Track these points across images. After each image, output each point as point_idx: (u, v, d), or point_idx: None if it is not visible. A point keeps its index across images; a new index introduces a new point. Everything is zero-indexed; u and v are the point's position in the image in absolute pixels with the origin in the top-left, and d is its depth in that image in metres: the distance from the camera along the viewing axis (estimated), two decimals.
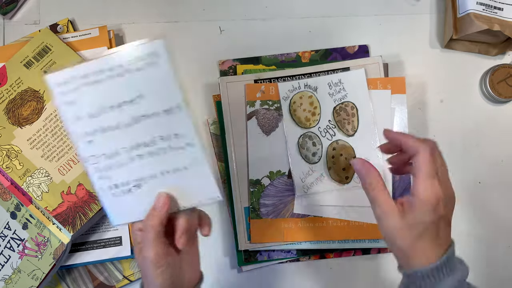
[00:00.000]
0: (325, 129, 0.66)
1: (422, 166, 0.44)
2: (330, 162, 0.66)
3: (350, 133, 0.66)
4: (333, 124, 0.66)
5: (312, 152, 0.66)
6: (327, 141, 0.66)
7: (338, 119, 0.66)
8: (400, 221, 0.44)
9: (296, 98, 0.67)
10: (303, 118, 0.67)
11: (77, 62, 0.43)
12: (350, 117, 0.66)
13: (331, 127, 0.66)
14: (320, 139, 0.66)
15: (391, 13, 0.75)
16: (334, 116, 0.66)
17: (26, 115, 0.64)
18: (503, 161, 0.73)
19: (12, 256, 0.64)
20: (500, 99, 0.72)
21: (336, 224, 0.68)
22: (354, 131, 0.66)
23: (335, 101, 0.67)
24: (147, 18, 0.74)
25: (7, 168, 0.63)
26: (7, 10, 0.73)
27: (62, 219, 0.61)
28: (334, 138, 0.66)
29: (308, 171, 0.66)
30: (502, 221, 0.72)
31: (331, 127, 0.66)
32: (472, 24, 0.68)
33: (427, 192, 0.44)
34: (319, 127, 0.67)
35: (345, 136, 0.66)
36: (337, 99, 0.67)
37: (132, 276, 0.68)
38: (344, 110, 0.66)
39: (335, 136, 0.66)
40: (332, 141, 0.66)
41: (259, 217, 0.68)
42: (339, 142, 0.66)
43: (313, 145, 0.66)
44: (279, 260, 0.69)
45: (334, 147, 0.66)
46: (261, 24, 0.75)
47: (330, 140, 0.67)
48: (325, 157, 0.66)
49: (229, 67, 0.73)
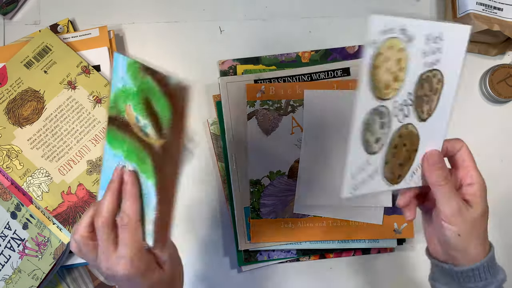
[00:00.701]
0: (401, 104, 0.44)
1: (470, 157, 0.47)
2: (390, 154, 0.44)
3: (424, 117, 0.46)
4: (412, 100, 0.44)
5: (376, 137, 0.43)
6: (397, 123, 0.44)
7: (419, 94, 0.44)
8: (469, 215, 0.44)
9: (385, 48, 0.43)
10: (384, 83, 0.42)
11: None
12: (432, 93, 0.45)
13: (407, 104, 0.44)
14: (391, 120, 0.43)
15: (391, 13, 0.75)
16: (417, 88, 0.44)
17: (27, 115, 0.64)
18: (503, 161, 0.73)
19: (12, 256, 0.64)
20: (500, 99, 0.72)
21: (336, 224, 0.68)
22: (429, 115, 0.46)
23: (425, 66, 0.44)
24: (147, 18, 0.75)
25: (8, 168, 0.63)
26: (7, 10, 0.73)
27: (62, 219, 0.61)
28: (406, 120, 0.44)
29: (363, 164, 0.43)
30: (502, 221, 0.72)
31: (408, 103, 0.44)
32: (472, 24, 0.68)
33: (483, 181, 0.46)
34: (396, 100, 0.43)
35: (418, 119, 0.45)
36: (428, 63, 0.44)
37: None
38: (429, 82, 0.45)
39: (408, 118, 0.45)
40: (402, 125, 0.44)
41: (259, 217, 0.68)
42: (408, 127, 0.45)
43: (380, 126, 0.43)
44: (279, 260, 0.69)
45: (402, 133, 0.45)
46: (261, 24, 0.75)
47: (400, 123, 0.44)
48: (387, 147, 0.44)
49: (229, 67, 0.73)
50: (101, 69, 0.68)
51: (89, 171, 0.63)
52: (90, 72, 0.66)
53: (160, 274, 0.44)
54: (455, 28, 0.47)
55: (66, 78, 0.66)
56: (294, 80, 0.71)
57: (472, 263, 0.45)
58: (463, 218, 0.44)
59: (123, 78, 0.42)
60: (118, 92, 0.43)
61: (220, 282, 0.70)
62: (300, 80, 0.71)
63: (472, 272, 0.45)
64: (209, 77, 0.73)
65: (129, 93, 0.42)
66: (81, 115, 0.65)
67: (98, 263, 0.44)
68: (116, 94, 0.43)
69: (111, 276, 0.43)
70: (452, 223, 0.44)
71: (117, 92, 0.43)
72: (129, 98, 0.42)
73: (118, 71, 0.43)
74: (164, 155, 0.41)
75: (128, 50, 0.74)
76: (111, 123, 0.44)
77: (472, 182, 0.46)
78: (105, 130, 0.44)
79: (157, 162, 0.41)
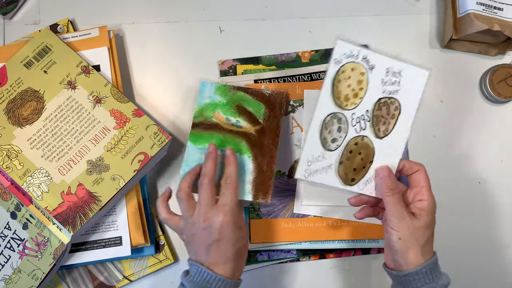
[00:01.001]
0: (358, 118, 0.57)
1: (426, 179, 0.53)
2: (345, 156, 0.57)
3: (380, 135, 0.57)
4: (369, 117, 0.57)
5: (333, 138, 0.57)
6: (354, 132, 0.57)
7: (376, 114, 0.57)
8: (411, 224, 0.51)
9: (348, 68, 0.56)
10: (343, 95, 0.56)
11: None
12: (389, 117, 0.57)
13: (365, 119, 0.57)
14: (348, 127, 0.57)
15: (391, 13, 0.75)
16: (375, 108, 0.57)
17: (26, 115, 0.64)
18: (503, 161, 0.73)
19: (12, 256, 0.64)
20: (500, 99, 0.72)
21: (336, 224, 0.68)
22: (385, 134, 0.57)
23: (384, 92, 0.57)
24: (147, 18, 0.74)
25: (7, 168, 0.63)
26: (7, 10, 0.73)
27: (62, 219, 0.61)
28: (362, 132, 0.57)
29: (319, 157, 0.57)
30: (501, 221, 0.72)
31: (365, 119, 0.57)
32: (472, 24, 0.68)
33: (433, 200, 0.53)
34: (354, 113, 0.56)
35: (374, 135, 0.57)
36: (387, 91, 0.57)
37: (132, 276, 0.68)
38: (387, 107, 0.57)
39: (365, 131, 0.57)
40: (359, 135, 0.57)
41: (259, 217, 0.68)
42: (364, 139, 0.57)
43: (338, 130, 0.57)
44: (279, 260, 0.69)
45: (357, 142, 0.57)
46: (261, 24, 0.75)
47: (357, 133, 0.57)
48: (342, 149, 0.57)
49: (229, 67, 0.73)
50: (101, 69, 0.68)
51: (89, 171, 0.63)
52: (90, 72, 0.66)
53: (246, 236, 0.56)
54: (413, 70, 0.57)
55: (66, 78, 0.66)
56: (294, 80, 0.71)
57: (412, 268, 0.51)
58: (405, 224, 0.51)
59: (210, 96, 0.66)
60: (204, 105, 0.65)
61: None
62: (300, 80, 0.71)
63: (412, 276, 0.51)
64: (209, 77, 0.73)
65: (217, 105, 0.65)
66: (81, 115, 0.64)
67: (194, 219, 0.54)
68: (202, 107, 0.65)
69: (205, 228, 0.53)
70: (395, 228, 0.51)
71: (203, 105, 0.65)
72: (218, 108, 0.65)
73: (204, 93, 0.66)
74: (259, 136, 0.64)
75: (128, 50, 0.74)
76: (195, 127, 0.64)
77: (423, 198, 0.53)
78: (189, 134, 0.64)
79: (251, 142, 0.64)
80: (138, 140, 0.64)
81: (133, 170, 0.63)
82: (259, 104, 0.66)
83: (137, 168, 0.63)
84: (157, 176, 0.71)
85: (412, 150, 0.72)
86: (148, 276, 0.69)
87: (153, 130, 0.64)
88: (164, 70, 0.74)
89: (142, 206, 0.67)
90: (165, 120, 0.72)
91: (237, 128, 0.64)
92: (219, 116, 0.65)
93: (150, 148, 0.64)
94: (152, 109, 0.72)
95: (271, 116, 0.65)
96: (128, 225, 0.65)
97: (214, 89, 0.66)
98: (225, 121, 0.65)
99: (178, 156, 0.72)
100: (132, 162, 0.63)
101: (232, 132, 0.64)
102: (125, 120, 0.64)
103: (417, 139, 0.72)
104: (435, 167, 0.72)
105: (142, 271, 0.69)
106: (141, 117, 0.65)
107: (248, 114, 0.65)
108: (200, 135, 0.64)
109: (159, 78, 0.73)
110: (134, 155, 0.63)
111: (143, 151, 0.63)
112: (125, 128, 0.64)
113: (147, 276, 0.69)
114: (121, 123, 0.64)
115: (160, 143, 0.64)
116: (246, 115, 0.65)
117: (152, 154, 0.63)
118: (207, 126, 0.64)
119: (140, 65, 0.73)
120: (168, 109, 0.72)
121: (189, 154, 0.63)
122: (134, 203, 0.66)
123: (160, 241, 0.69)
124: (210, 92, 0.66)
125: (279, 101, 0.66)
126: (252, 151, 0.63)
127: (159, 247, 0.69)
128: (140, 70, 0.73)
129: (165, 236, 0.70)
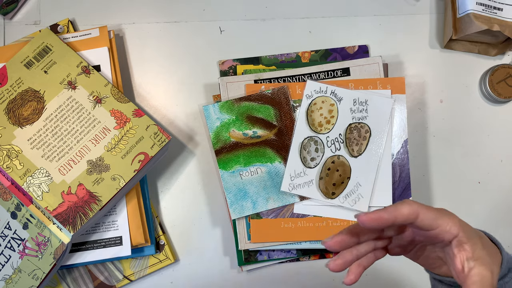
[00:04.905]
0: (333, 140, 0.67)
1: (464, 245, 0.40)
2: (324, 172, 0.66)
3: (355, 154, 0.66)
4: (342, 140, 0.66)
5: (312, 157, 0.66)
6: (330, 152, 0.67)
7: (348, 136, 0.66)
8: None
9: (319, 101, 0.67)
10: (317, 122, 0.67)
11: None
12: (361, 139, 0.66)
13: (339, 141, 0.66)
14: (324, 148, 0.66)
15: (391, 13, 0.75)
16: (347, 132, 0.67)
17: (27, 115, 0.64)
18: (503, 161, 0.73)
19: (12, 256, 0.64)
20: (499, 99, 0.72)
21: (336, 224, 0.68)
22: (358, 154, 0.66)
23: (353, 119, 0.67)
24: (147, 18, 0.75)
25: (8, 168, 0.63)
26: (8, 10, 0.73)
27: (62, 219, 0.61)
28: (337, 152, 0.67)
29: (300, 173, 0.66)
30: (501, 221, 0.72)
31: (339, 141, 0.66)
32: (472, 24, 0.68)
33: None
34: (328, 136, 0.67)
35: (349, 155, 0.66)
36: (356, 118, 0.67)
37: (133, 276, 0.69)
38: (358, 130, 0.66)
39: (339, 151, 0.67)
40: (334, 155, 0.67)
41: (259, 217, 0.68)
42: (340, 158, 0.66)
43: (315, 150, 0.66)
44: (279, 260, 0.69)
45: (334, 160, 0.66)
46: (261, 24, 0.75)
47: (333, 153, 0.67)
48: (321, 166, 0.66)
49: (229, 67, 0.73)
50: (101, 69, 0.68)
51: (89, 171, 0.63)
52: (90, 72, 0.66)
53: None
54: (379, 99, 0.67)
55: (66, 78, 0.66)
56: (294, 80, 0.71)
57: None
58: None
59: (218, 118, 0.67)
60: (217, 129, 0.67)
61: (220, 282, 0.70)
62: (300, 80, 0.71)
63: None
64: (209, 77, 0.73)
65: (229, 124, 0.67)
66: (81, 115, 0.65)
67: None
68: (216, 132, 0.67)
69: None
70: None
71: (216, 130, 0.67)
72: (231, 126, 0.67)
73: (211, 117, 0.67)
74: (279, 137, 0.67)
75: (128, 50, 0.74)
76: (219, 153, 0.67)
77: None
78: (216, 163, 0.67)
79: (275, 146, 0.67)
80: (138, 140, 0.64)
81: (133, 170, 0.63)
82: (267, 107, 0.67)
83: (138, 168, 0.63)
84: (157, 176, 0.71)
85: (412, 150, 0.72)
86: (148, 276, 0.69)
87: (153, 130, 0.64)
88: (164, 70, 0.74)
89: (142, 206, 0.67)
90: (165, 120, 0.72)
91: (257, 139, 0.67)
92: (235, 133, 0.67)
93: (151, 148, 0.64)
94: (152, 109, 0.73)
95: (282, 114, 0.67)
96: (128, 225, 0.65)
97: (219, 109, 0.67)
98: (243, 137, 0.67)
99: (178, 156, 0.72)
100: (132, 162, 0.63)
101: (254, 145, 0.67)
102: (125, 120, 0.64)
103: (417, 139, 0.72)
104: (435, 167, 0.73)
105: (142, 271, 0.69)
106: (141, 117, 0.65)
107: (260, 122, 0.67)
108: (226, 159, 0.67)
109: (159, 78, 0.73)
110: (134, 155, 0.63)
111: (143, 151, 0.63)
112: (125, 128, 0.64)
113: (147, 276, 0.70)
114: (121, 123, 0.64)
115: (160, 143, 0.64)
116: (259, 123, 0.67)
117: (152, 154, 0.63)
118: (229, 148, 0.67)
119: (140, 65, 0.74)
120: (168, 109, 0.72)
121: (226, 181, 0.67)
122: (134, 203, 0.66)
123: (160, 241, 0.69)
124: (216, 113, 0.67)
125: (284, 96, 0.67)
126: (280, 154, 0.67)
127: (159, 247, 0.69)
128: (140, 70, 0.73)
129: (165, 236, 0.70)
